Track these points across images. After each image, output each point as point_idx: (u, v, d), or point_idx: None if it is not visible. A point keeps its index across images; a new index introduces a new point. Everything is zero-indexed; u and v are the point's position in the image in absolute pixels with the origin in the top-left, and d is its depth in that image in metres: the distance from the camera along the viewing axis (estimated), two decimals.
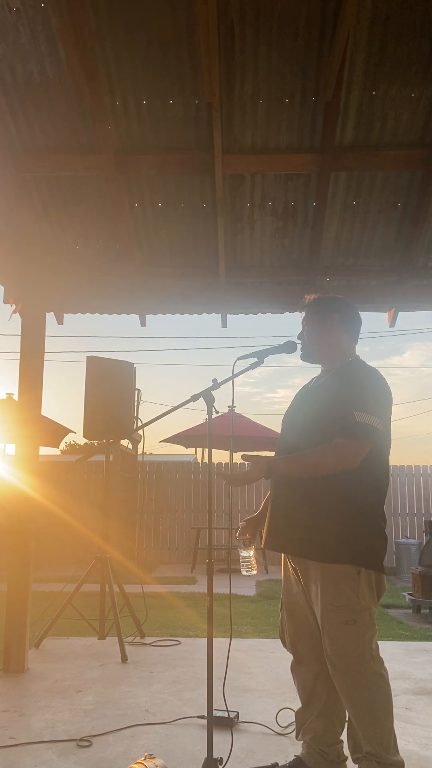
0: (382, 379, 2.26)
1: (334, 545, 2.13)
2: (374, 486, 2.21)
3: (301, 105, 3.37)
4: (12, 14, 2.99)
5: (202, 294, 4.34)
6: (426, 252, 4.14)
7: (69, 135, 3.57)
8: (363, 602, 2.12)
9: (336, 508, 2.15)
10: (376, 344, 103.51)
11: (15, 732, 2.88)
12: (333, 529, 2.14)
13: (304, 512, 2.20)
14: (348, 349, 2.42)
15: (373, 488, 2.20)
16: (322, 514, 2.16)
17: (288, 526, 2.26)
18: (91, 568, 4.53)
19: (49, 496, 7.49)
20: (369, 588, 2.14)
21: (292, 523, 2.24)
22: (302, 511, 2.21)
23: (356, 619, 2.10)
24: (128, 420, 4.69)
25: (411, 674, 3.84)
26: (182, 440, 10.38)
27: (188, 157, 3.63)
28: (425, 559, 6.47)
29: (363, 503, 2.17)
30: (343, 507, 2.15)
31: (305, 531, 2.19)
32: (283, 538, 2.29)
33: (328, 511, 2.15)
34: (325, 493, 2.16)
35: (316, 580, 2.18)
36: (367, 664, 2.10)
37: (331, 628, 2.13)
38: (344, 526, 2.14)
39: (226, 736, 2.66)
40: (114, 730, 2.90)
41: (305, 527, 2.19)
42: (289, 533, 2.26)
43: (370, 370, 2.29)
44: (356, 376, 2.26)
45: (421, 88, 3.29)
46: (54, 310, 4.45)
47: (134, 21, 3.00)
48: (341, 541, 2.13)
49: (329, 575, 2.14)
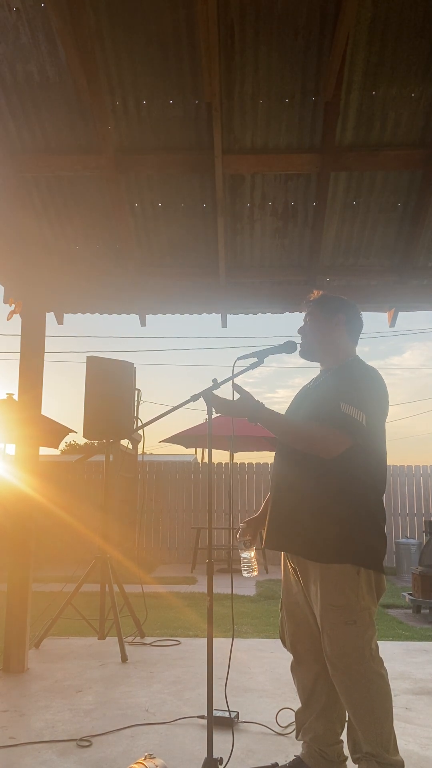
0: (379, 378, 2.26)
1: (333, 545, 2.13)
2: (371, 485, 2.21)
3: (301, 105, 3.37)
4: (12, 14, 2.99)
5: (202, 294, 4.34)
6: (426, 252, 4.14)
7: (69, 135, 3.57)
8: (362, 602, 2.12)
9: (335, 508, 2.15)
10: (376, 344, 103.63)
11: (15, 732, 2.88)
12: (332, 528, 2.14)
13: (304, 512, 2.20)
14: (348, 350, 2.42)
15: (370, 487, 2.20)
16: (322, 514, 2.16)
17: (288, 526, 2.26)
18: (91, 568, 4.53)
19: (49, 496, 7.50)
20: (368, 588, 2.14)
21: (291, 522, 2.24)
22: (302, 511, 2.21)
23: (356, 619, 2.10)
24: (128, 420, 4.69)
25: (411, 674, 3.84)
26: (182, 440, 10.37)
27: (188, 157, 3.63)
28: (425, 559, 6.47)
29: (361, 502, 2.17)
30: (342, 506, 2.15)
31: (304, 531, 2.19)
32: (283, 537, 2.29)
33: (327, 511, 2.15)
34: (324, 492, 2.16)
35: (315, 580, 2.18)
36: (366, 663, 2.10)
37: (330, 628, 2.13)
38: (343, 526, 2.14)
39: (226, 736, 2.66)
40: (114, 730, 2.90)
41: (304, 527, 2.19)
42: (288, 533, 2.26)
43: (368, 369, 2.29)
44: (352, 373, 2.27)
45: (421, 88, 3.29)
46: (54, 310, 4.45)
47: (134, 21, 3.00)
48: (340, 541, 2.13)
49: (328, 575, 2.14)
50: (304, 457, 2.20)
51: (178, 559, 10.40)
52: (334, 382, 2.28)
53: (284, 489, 2.31)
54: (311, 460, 2.18)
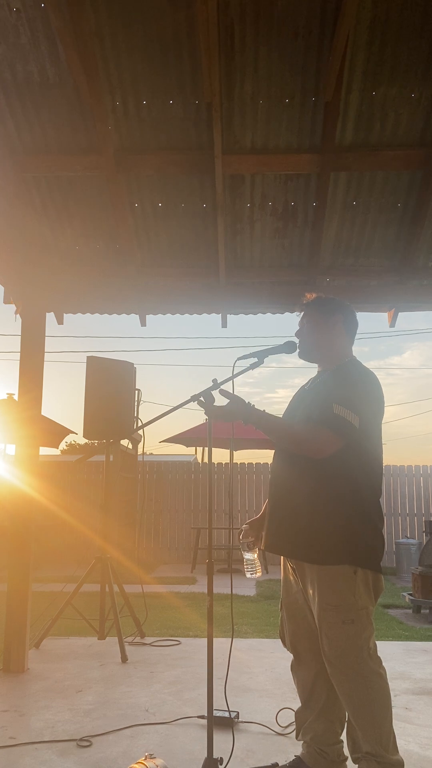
0: (375, 381, 2.27)
1: (329, 546, 2.13)
2: (368, 485, 2.21)
3: (301, 105, 3.37)
4: (12, 14, 2.99)
5: (202, 294, 4.34)
6: (426, 252, 4.14)
7: (69, 135, 3.57)
8: (360, 601, 2.12)
9: (331, 509, 2.15)
10: (375, 344, 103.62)
11: (15, 732, 2.88)
12: (329, 530, 2.14)
13: (300, 514, 2.20)
14: (345, 351, 2.42)
15: (366, 487, 2.20)
16: (318, 515, 2.16)
17: (285, 528, 2.26)
18: (91, 568, 4.53)
19: (49, 496, 7.50)
20: (366, 588, 2.14)
21: (288, 525, 2.25)
22: (298, 513, 2.21)
23: (353, 618, 2.10)
24: (128, 420, 4.69)
25: (411, 674, 3.84)
26: (182, 440, 10.38)
27: (188, 157, 3.63)
28: (425, 559, 6.47)
29: (358, 503, 2.17)
30: (339, 507, 2.15)
31: (301, 533, 2.19)
32: (281, 539, 2.29)
33: (323, 512, 2.16)
34: (321, 493, 2.17)
35: (312, 581, 2.18)
36: (364, 663, 2.10)
37: (328, 627, 2.13)
38: (340, 527, 2.14)
39: (226, 736, 2.66)
40: (114, 730, 2.90)
41: (301, 529, 2.19)
42: (285, 535, 2.26)
43: (364, 371, 2.29)
44: (348, 375, 2.27)
45: (421, 89, 3.29)
46: (54, 310, 4.45)
47: (134, 21, 3.00)
48: (337, 542, 2.13)
49: (325, 576, 2.14)
50: (301, 459, 2.21)
51: (178, 559, 10.40)
52: (331, 383, 2.28)
53: (281, 491, 2.31)
54: (307, 462, 2.19)
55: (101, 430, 4.50)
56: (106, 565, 4.50)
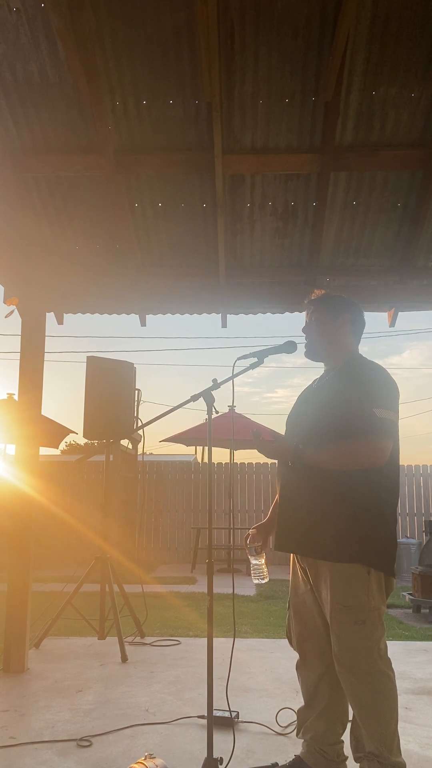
0: (388, 373, 2.26)
1: (343, 544, 2.13)
2: (386, 485, 2.19)
3: (301, 105, 3.37)
4: (12, 14, 2.99)
5: (202, 294, 4.34)
6: (426, 252, 4.14)
7: (69, 135, 3.57)
8: (372, 602, 2.11)
9: (345, 506, 2.14)
10: (375, 344, 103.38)
11: (15, 732, 2.88)
12: (342, 526, 2.13)
13: (313, 511, 2.19)
14: (352, 349, 2.42)
15: (384, 487, 2.18)
16: (332, 513, 2.15)
17: (297, 526, 2.25)
18: (91, 568, 4.53)
19: (49, 496, 7.50)
20: (378, 588, 2.14)
21: (301, 522, 2.24)
22: (311, 510, 2.20)
23: (365, 619, 2.10)
24: (128, 420, 4.69)
25: (411, 674, 3.84)
26: (182, 439, 10.38)
27: (188, 157, 3.63)
28: (425, 559, 6.47)
29: (371, 501, 2.15)
30: (353, 505, 2.14)
31: (314, 530, 2.19)
32: (293, 538, 2.28)
33: (336, 509, 2.15)
34: (334, 491, 2.15)
35: (326, 580, 2.18)
36: (374, 663, 2.09)
37: (340, 627, 2.12)
38: (353, 524, 2.13)
39: (226, 736, 2.67)
40: (114, 729, 2.90)
41: (314, 526, 2.19)
42: (298, 533, 2.25)
43: (375, 366, 2.28)
44: (364, 374, 2.25)
45: (421, 88, 3.29)
46: (54, 310, 4.45)
47: (134, 21, 3.00)
48: (351, 539, 2.12)
49: (339, 575, 2.13)
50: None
51: (178, 559, 10.39)
52: (344, 382, 2.26)
53: (292, 490, 2.30)
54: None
55: (101, 430, 4.49)
56: (106, 565, 4.50)
